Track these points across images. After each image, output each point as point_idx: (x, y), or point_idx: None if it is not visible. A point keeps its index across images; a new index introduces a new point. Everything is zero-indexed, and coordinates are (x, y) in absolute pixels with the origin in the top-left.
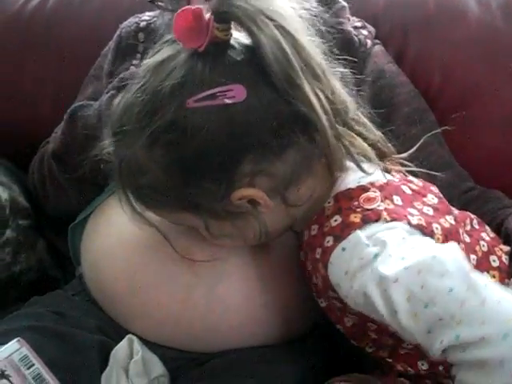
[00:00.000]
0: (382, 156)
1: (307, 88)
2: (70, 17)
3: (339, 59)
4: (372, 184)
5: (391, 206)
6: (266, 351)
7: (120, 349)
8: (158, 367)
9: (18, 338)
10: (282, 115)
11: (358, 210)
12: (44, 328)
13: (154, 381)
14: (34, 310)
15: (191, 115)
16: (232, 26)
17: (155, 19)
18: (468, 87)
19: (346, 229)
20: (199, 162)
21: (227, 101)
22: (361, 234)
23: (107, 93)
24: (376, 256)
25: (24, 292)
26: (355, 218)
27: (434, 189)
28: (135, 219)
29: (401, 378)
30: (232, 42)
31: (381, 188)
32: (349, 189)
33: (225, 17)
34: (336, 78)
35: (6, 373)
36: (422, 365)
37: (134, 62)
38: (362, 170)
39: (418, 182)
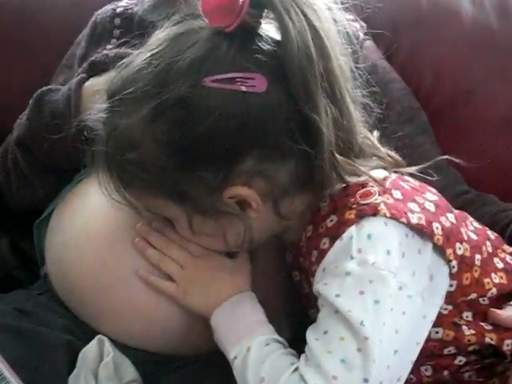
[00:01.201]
0: (390, 168)
1: (321, 100)
2: (39, 8)
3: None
4: (372, 178)
5: (390, 201)
6: None
7: (89, 350)
8: (129, 371)
9: None
10: (296, 119)
11: (354, 206)
12: (7, 325)
13: None
14: None
15: (206, 95)
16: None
17: (132, 6)
18: (460, 88)
19: (341, 227)
20: (201, 147)
21: (247, 89)
22: (354, 235)
23: (77, 76)
24: (348, 274)
25: None
26: (350, 214)
27: (432, 188)
28: (115, 200)
29: None
30: (260, 31)
31: (380, 182)
32: (345, 186)
33: (260, 2)
34: (354, 104)
35: None
36: (426, 370)
37: (109, 46)
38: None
39: (414, 181)
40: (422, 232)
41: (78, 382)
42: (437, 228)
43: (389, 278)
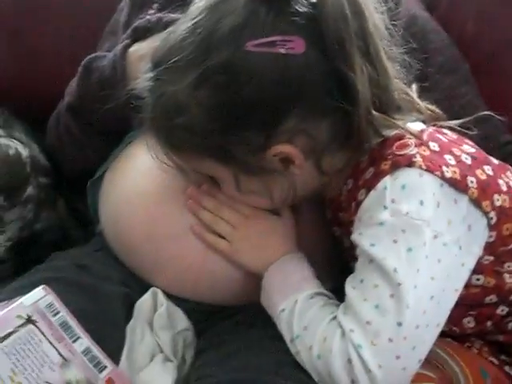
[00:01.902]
0: (430, 121)
1: (356, 58)
2: None
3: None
4: (408, 131)
5: (427, 153)
6: None
7: (144, 301)
8: (182, 321)
9: (44, 286)
10: (334, 78)
11: (390, 157)
12: (68, 279)
13: (179, 334)
14: (57, 263)
15: (248, 59)
16: None
17: None
18: (502, 37)
19: (377, 178)
20: (245, 109)
21: (286, 51)
22: (389, 185)
23: (122, 42)
24: (382, 224)
25: (45, 252)
26: (385, 165)
27: (469, 141)
28: (161, 163)
29: (447, 339)
30: None
31: (417, 135)
32: (384, 139)
33: None
34: (391, 61)
35: (33, 318)
36: (469, 322)
37: (151, 11)
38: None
39: (452, 134)
40: (455, 187)
41: (135, 331)
42: (471, 182)
43: (422, 227)
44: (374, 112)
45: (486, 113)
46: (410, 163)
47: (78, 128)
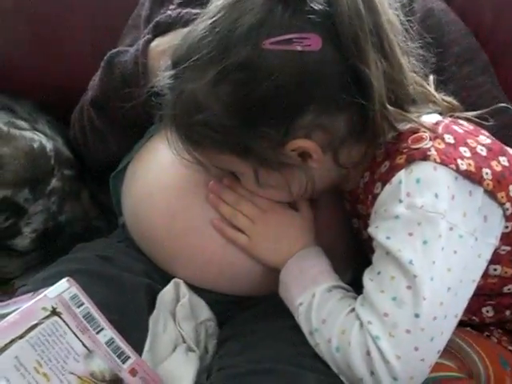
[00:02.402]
0: (447, 113)
1: (371, 54)
2: None
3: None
4: (422, 125)
5: (442, 146)
6: None
7: (166, 292)
8: (204, 311)
9: (68, 278)
10: (349, 74)
11: (405, 150)
12: (91, 271)
13: (202, 324)
14: (81, 255)
15: (265, 57)
16: None
17: None
18: None
19: (392, 171)
20: (263, 105)
21: (303, 48)
22: (403, 179)
23: (143, 37)
24: (397, 217)
25: (69, 242)
26: (400, 159)
27: (485, 132)
28: (182, 158)
29: (467, 328)
30: None
31: (431, 128)
32: (399, 133)
33: None
34: (406, 56)
35: (58, 310)
36: (487, 312)
37: (171, 6)
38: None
39: (468, 125)
40: (469, 179)
41: (158, 321)
42: (486, 173)
43: (437, 219)
44: (388, 106)
45: (502, 105)
46: (424, 157)
47: (101, 121)
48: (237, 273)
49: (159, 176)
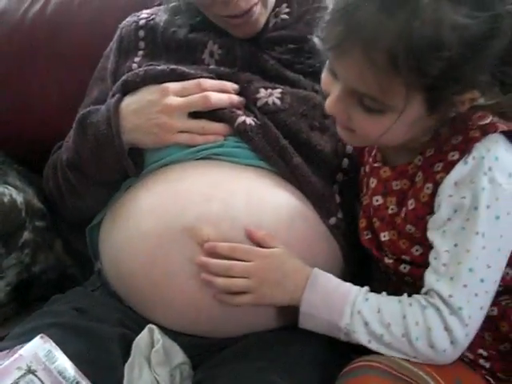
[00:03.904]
0: None
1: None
2: (69, 21)
3: None
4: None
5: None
6: (281, 333)
7: (141, 339)
8: (179, 355)
9: (42, 335)
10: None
11: (475, 126)
12: (66, 324)
13: (176, 368)
14: (56, 308)
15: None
16: None
17: (153, 16)
18: None
19: (469, 143)
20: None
21: None
22: (485, 155)
23: (113, 95)
24: (483, 190)
25: (45, 290)
26: (474, 133)
27: None
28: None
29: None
30: None
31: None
32: (460, 113)
33: None
34: None
35: (32, 368)
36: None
37: (136, 59)
38: None
39: None
40: None
41: (133, 368)
42: None
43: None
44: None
45: None
46: (495, 129)
47: (78, 181)
48: (215, 315)
49: (139, 224)
